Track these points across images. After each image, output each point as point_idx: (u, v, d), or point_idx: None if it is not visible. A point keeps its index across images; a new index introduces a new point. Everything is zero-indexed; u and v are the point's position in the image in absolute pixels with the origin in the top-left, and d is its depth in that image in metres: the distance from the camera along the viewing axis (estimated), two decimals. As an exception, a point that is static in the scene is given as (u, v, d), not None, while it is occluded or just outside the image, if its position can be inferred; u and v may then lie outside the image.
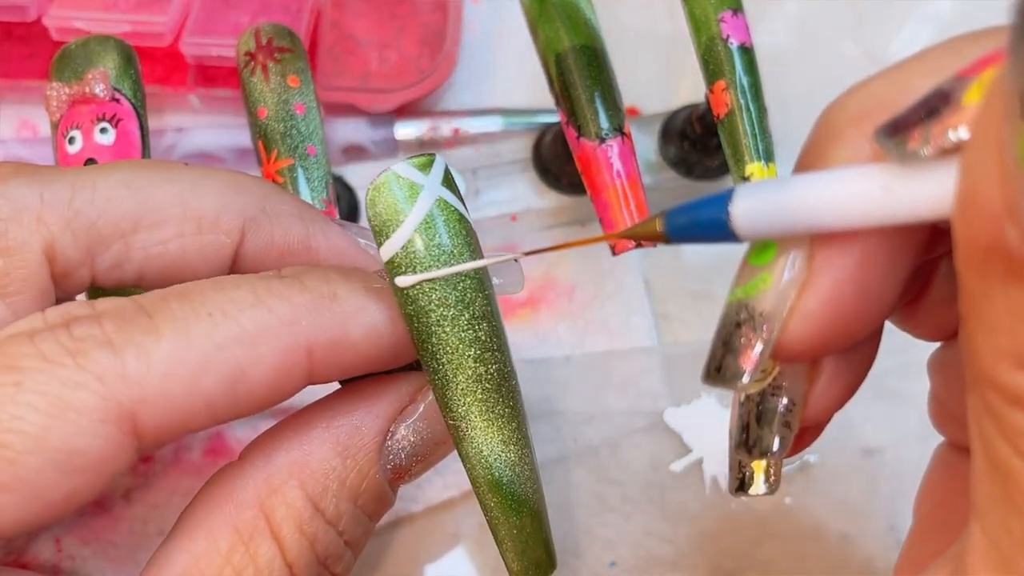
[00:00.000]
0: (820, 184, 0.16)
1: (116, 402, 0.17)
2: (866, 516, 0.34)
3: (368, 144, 0.39)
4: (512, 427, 0.20)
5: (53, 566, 0.34)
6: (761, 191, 0.17)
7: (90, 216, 0.20)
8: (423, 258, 0.19)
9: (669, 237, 0.18)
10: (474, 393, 0.20)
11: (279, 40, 0.27)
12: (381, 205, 0.19)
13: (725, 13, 0.27)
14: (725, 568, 0.34)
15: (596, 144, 0.26)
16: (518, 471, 0.20)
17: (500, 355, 0.20)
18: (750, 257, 0.18)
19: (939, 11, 0.43)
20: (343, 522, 0.20)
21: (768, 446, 0.20)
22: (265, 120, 0.26)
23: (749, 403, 0.20)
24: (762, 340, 0.18)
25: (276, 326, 0.18)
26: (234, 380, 0.18)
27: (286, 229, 0.22)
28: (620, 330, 0.38)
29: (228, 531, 0.19)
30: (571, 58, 0.27)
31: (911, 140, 0.15)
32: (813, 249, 0.17)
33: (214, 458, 0.35)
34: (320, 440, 0.20)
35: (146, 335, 0.17)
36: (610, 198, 0.26)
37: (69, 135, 0.25)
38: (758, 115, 0.26)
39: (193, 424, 0.18)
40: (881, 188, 0.15)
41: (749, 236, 0.17)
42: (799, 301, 0.17)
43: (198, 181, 0.21)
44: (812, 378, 0.20)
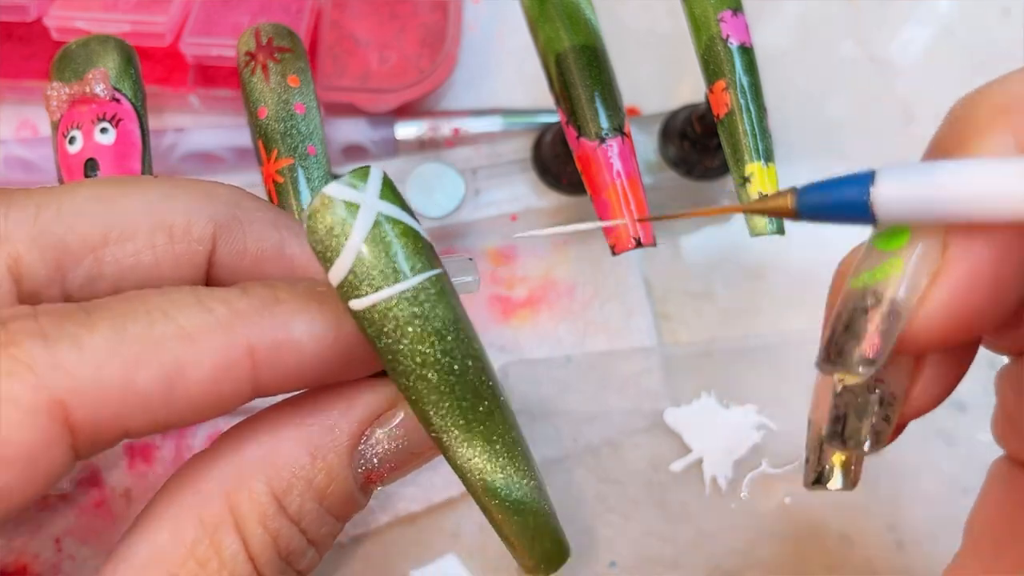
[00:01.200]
0: (968, 173, 0.15)
1: (47, 391, 0.16)
2: (866, 516, 0.34)
3: (368, 144, 0.39)
4: (497, 430, 0.20)
5: (53, 566, 0.34)
6: (907, 175, 0.16)
7: (56, 232, 0.19)
8: (373, 277, 0.18)
9: (800, 213, 0.17)
10: (449, 406, 0.19)
11: (279, 40, 0.27)
12: (320, 231, 0.18)
13: (725, 13, 0.27)
14: (725, 568, 0.34)
15: (596, 144, 0.26)
16: (511, 472, 0.20)
17: (472, 362, 0.19)
18: (878, 242, 0.18)
19: (939, 11, 0.43)
20: (306, 521, 0.20)
21: (864, 439, 0.19)
22: (265, 120, 0.26)
23: (848, 394, 0.20)
24: (888, 328, 0.17)
25: (214, 325, 0.18)
26: (171, 378, 0.17)
27: (259, 236, 0.21)
28: (620, 330, 0.38)
29: (193, 522, 0.19)
30: (571, 58, 0.27)
31: None
32: (948, 238, 0.17)
33: (214, 458, 0.35)
34: (291, 437, 0.20)
35: (80, 327, 0.17)
36: (610, 198, 0.26)
37: (69, 135, 0.25)
38: (758, 115, 0.26)
39: (130, 422, 0.17)
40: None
41: (889, 220, 0.16)
42: (931, 290, 0.17)
43: (167, 191, 0.21)
44: (915, 373, 0.20)
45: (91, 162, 0.25)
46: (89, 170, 0.25)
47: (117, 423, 0.17)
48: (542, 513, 0.21)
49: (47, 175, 0.38)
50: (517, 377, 0.36)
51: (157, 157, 0.38)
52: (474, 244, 0.39)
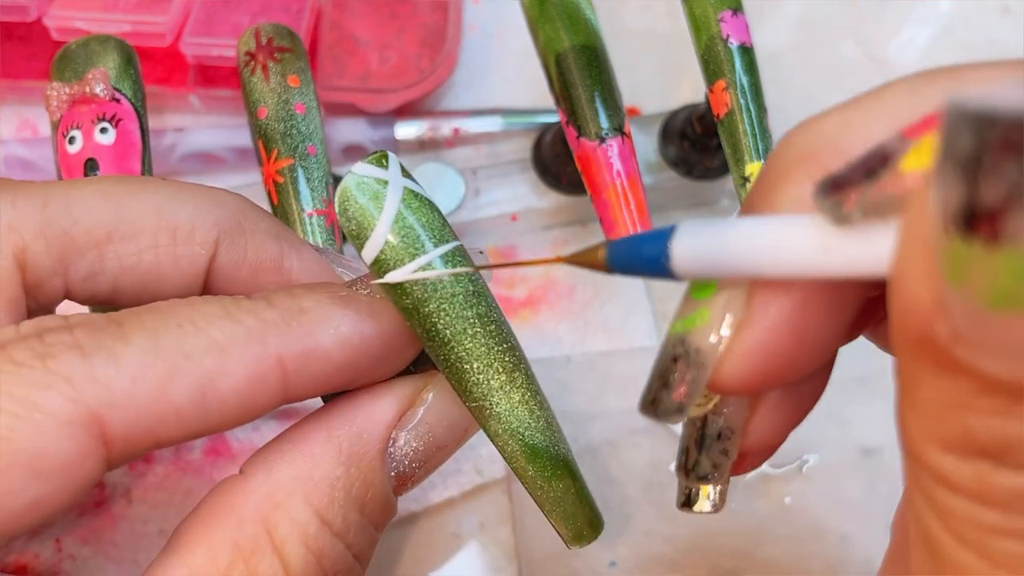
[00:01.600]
0: (759, 232, 0.16)
1: (84, 404, 0.17)
2: (865, 516, 0.34)
3: (368, 144, 0.39)
4: (532, 392, 0.20)
5: (53, 566, 0.34)
6: (702, 232, 0.16)
7: (63, 224, 0.20)
8: (407, 248, 0.19)
9: (611, 268, 0.18)
10: (491, 367, 0.20)
11: (279, 40, 0.27)
12: (352, 209, 0.19)
13: (725, 13, 0.27)
14: (725, 568, 0.34)
15: (596, 144, 0.26)
16: (549, 434, 0.21)
17: (504, 326, 0.20)
18: (692, 291, 0.18)
19: (939, 11, 0.43)
20: (351, 534, 0.20)
21: (704, 471, 0.20)
22: (265, 120, 0.26)
23: (691, 427, 0.21)
24: (695, 377, 0.17)
25: (245, 337, 0.18)
26: (204, 389, 0.18)
27: (260, 246, 0.22)
28: (620, 330, 0.38)
29: (228, 547, 0.19)
30: (571, 58, 0.27)
31: (847, 203, 0.14)
32: (752, 290, 0.17)
33: (215, 458, 0.35)
34: (323, 450, 0.20)
35: (116, 341, 0.17)
36: (610, 198, 0.26)
37: (69, 135, 0.25)
38: (758, 115, 0.26)
39: (163, 433, 0.18)
40: (819, 246, 0.15)
41: (687, 276, 0.17)
42: (734, 341, 0.17)
43: (174, 194, 0.21)
44: (753, 408, 0.20)
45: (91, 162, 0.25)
46: (89, 170, 0.25)
47: (150, 434, 0.17)
48: (578, 478, 0.21)
49: (47, 175, 0.38)
50: (517, 377, 0.36)
51: (157, 157, 0.38)
52: (474, 244, 0.39)
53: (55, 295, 0.20)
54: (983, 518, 0.13)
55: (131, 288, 0.21)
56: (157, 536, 0.34)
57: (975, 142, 0.11)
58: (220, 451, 0.35)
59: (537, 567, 0.34)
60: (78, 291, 0.21)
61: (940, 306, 0.12)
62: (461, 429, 0.22)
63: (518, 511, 0.35)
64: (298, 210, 0.26)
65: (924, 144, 0.14)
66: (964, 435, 0.13)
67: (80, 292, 0.21)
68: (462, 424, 0.22)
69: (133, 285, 0.21)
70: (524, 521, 0.35)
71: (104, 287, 0.21)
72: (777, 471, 0.35)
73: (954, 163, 0.11)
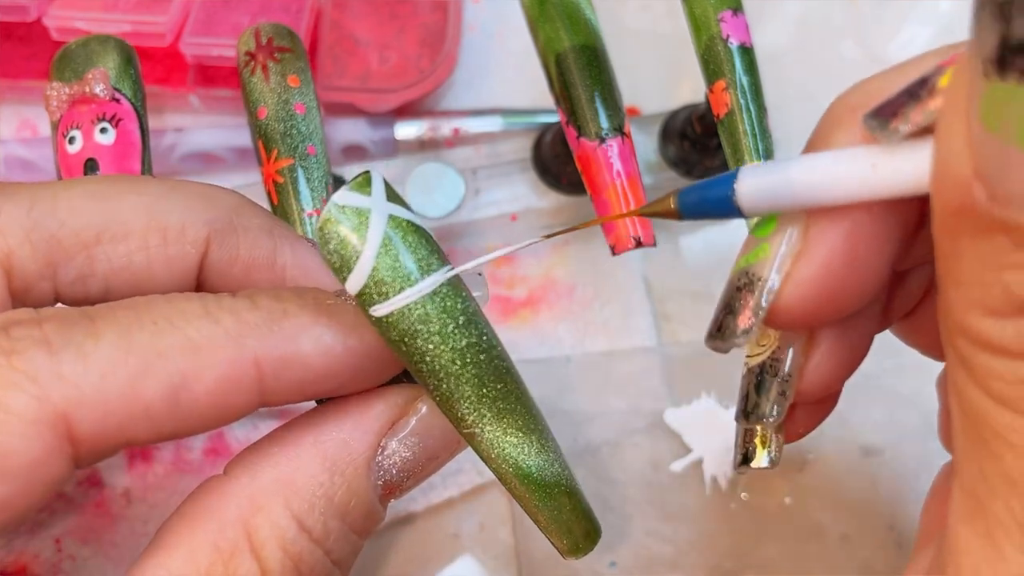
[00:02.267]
0: (814, 164, 0.17)
1: (50, 403, 0.16)
2: (866, 516, 0.34)
3: (368, 144, 0.39)
4: (525, 416, 0.20)
5: (53, 566, 0.34)
6: (763, 171, 0.18)
7: (50, 227, 0.19)
8: (393, 281, 0.18)
9: (682, 213, 0.19)
10: (481, 399, 0.19)
11: (279, 40, 0.27)
12: (334, 241, 0.18)
13: (725, 13, 0.27)
14: (725, 568, 0.34)
15: (596, 144, 0.26)
16: (543, 456, 0.20)
17: (495, 351, 0.19)
18: (754, 230, 0.20)
19: (939, 11, 0.43)
20: (331, 540, 0.20)
21: (764, 412, 0.22)
22: (265, 120, 0.26)
23: (750, 375, 0.22)
24: (758, 302, 0.19)
25: (222, 337, 0.18)
26: (176, 389, 0.17)
27: (253, 243, 0.21)
28: (620, 330, 0.38)
29: (208, 549, 0.18)
30: (571, 58, 0.27)
31: (893, 120, 0.16)
32: (808, 222, 0.18)
33: (214, 458, 0.35)
34: (308, 455, 0.19)
35: (86, 337, 0.17)
36: (610, 198, 0.26)
37: (69, 135, 0.25)
38: (758, 115, 0.26)
39: (133, 433, 0.17)
40: (868, 166, 0.17)
41: (753, 212, 0.19)
42: (793, 269, 0.18)
43: (164, 193, 0.21)
44: (808, 352, 0.21)
45: (91, 162, 0.25)
46: (89, 170, 0.25)
47: (120, 434, 0.17)
48: (574, 493, 0.21)
49: (47, 175, 0.38)
50: (517, 377, 0.36)
51: (157, 157, 0.38)
52: (474, 244, 0.39)
53: (45, 299, 0.20)
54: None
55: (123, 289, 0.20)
56: (157, 536, 0.34)
57: None
58: (220, 451, 0.35)
59: (537, 567, 0.34)
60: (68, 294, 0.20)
61: (978, 170, 0.13)
62: (453, 440, 0.21)
63: (518, 511, 0.35)
64: (298, 210, 0.25)
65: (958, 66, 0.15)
66: (1004, 294, 0.14)
67: (71, 295, 0.20)
68: (454, 436, 0.21)
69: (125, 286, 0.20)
70: (524, 521, 0.35)
71: (95, 289, 0.20)
72: (777, 471, 0.35)
73: (991, 6, 0.12)
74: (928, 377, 0.24)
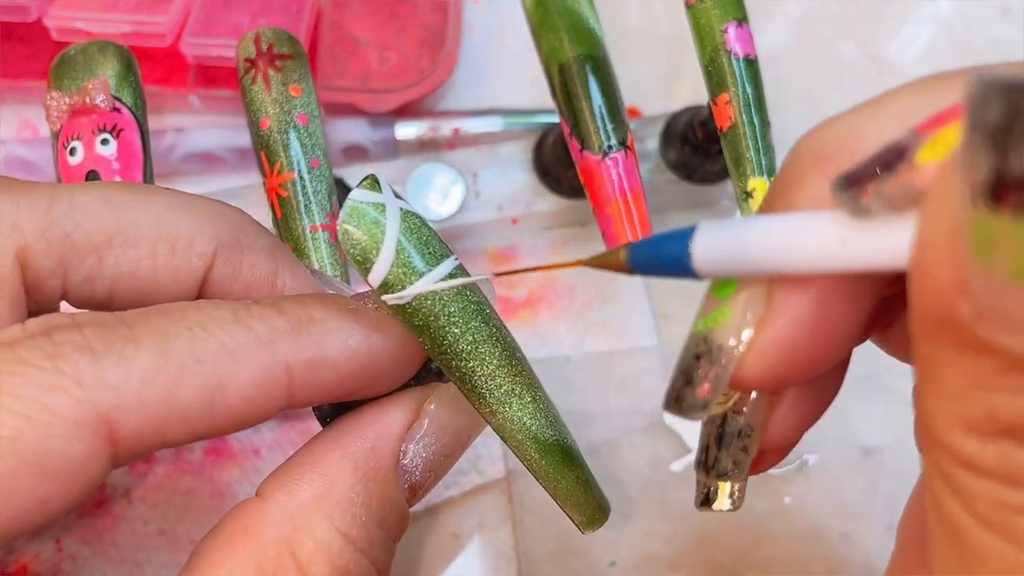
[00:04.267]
0: (778, 229, 0.16)
1: (93, 406, 0.17)
2: (865, 516, 0.34)
3: (368, 144, 0.39)
4: (537, 391, 0.21)
5: (53, 565, 0.34)
6: (722, 231, 0.17)
7: (65, 227, 0.20)
8: (415, 267, 0.19)
9: (633, 269, 0.18)
10: (501, 373, 0.21)
11: (280, 46, 0.27)
12: (355, 236, 0.19)
13: (729, 24, 0.27)
14: (725, 568, 0.34)
15: (599, 158, 0.26)
16: (556, 428, 0.22)
17: (505, 331, 0.21)
18: (713, 290, 0.19)
19: (939, 11, 0.43)
20: (375, 548, 0.20)
21: (724, 468, 0.21)
22: (267, 131, 0.26)
23: (710, 425, 0.21)
24: (717, 373, 0.18)
25: (255, 344, 0.18)
26: (212, 393, 0.18)
27: (255, 262, 0.22)
28: (620, 330, 0.38)
29: (250, 569, 0.19)
30: (574, 69, 0.27)
31: (864, 194, 0.15)
32: (771, 287, 0.17)
33: (215, 458, 0.35)
34: (339, 468, 0.20)
35: (126, 343, 0.17)
36: (613, 212, 0.26)
37: (70, 146, 0.25)
38: (761, 129, 0.26)
39: (170, 435, 0.18)
40: (837, 239, 0.15)
41: (708, 274, 0.17)
42: (755, 337, 0.17)
43: (177, 205, 0.21)
44: (772, 406, 0.20)
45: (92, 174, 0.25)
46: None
47: (156, 436, 0.18)
48: (585, 466, 0.23)
49: (47, 175, 0.38)
50: (517, 377, 0.37)
51: (157, 158, 0.38)
52: (474, 245, 0.39)
53: (53, 296, 0.21)
54: (1009, 498, 0.13)
55: (127, 294, 0.21)
56: (157, 536, 0.34)
57: (1004, 111, 0.11)
58: (220, 451, 0.35)
59: (537, 567, 0.34)
60: (75, 293, 0.21)
61: (963, 284, 0.13)
62: (465, 436, 0.22)
63: (518, 511, 0.35)
64: (302, 225, 0.25)
65: (938, 137, 0.14)
66: (988, 415, 0.13)
67: (77, 295, 0.21)
68: (466, 431, 0.22)
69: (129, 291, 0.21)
70: (524, 521, 0.35)
71: (101, 291, 0.21)
72: (777, 471, 0.35)
73: (982, 133, 0.11)
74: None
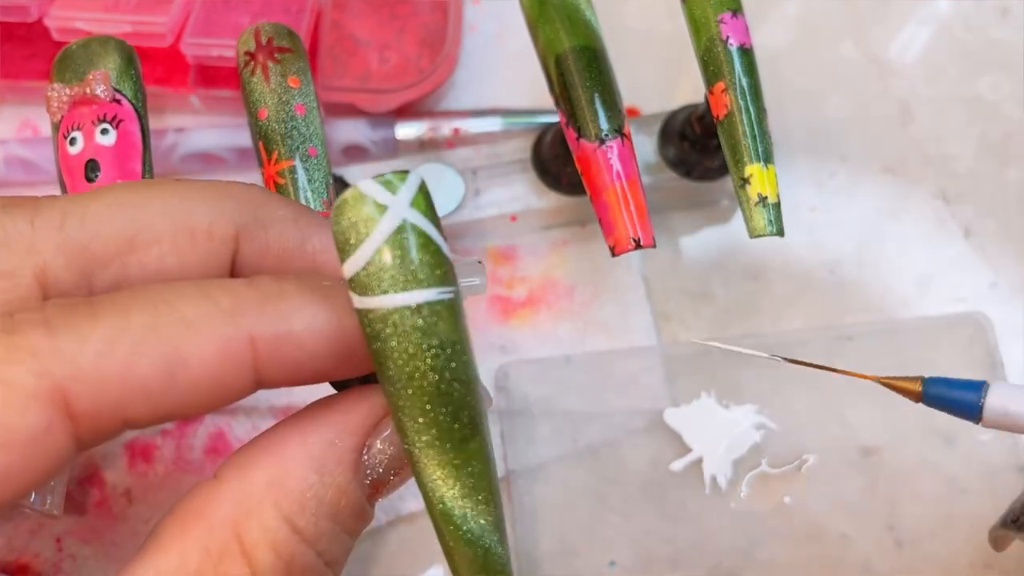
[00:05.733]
0: None
1: (48, 377, 0.17)
2: (865, 516, 0.34)
3: (368, 144, 0.39)
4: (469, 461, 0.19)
5: (54, 565, 0.34)
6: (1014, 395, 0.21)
7: (81, 240, 0.20)
8: (383, 280, 0.18)
9: (927, 400, 0.22)
10: (427, 423, 0.19)
11: (279, 40, 0.27)
12: (344, 222, 0.18)
13: (725, 14, 0.27)
14: (725, 568, 0.34)
15: (596, 145, 0.26)
16: (471, 505, 0.19)
17: (460, 387, 0.19)
18: None
19: (939, 11, 0.43)
20: (323, 541, 0.20)
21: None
22: (265, 121, 0.26)
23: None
24: None
25: (216, 315, 0.18)
26: (171, 366, 0.18)
27: (281, 233, 0.22)
28: (620, 330, 0.38)
29: (198, 551, 0.19)
30: (571, 59, 0.27)
31: None
32: None
33: (215, 457, 0.35)
34: (296, 457, 0.19)
35: (84, 318, 0.17)
36: (609, 199, 0.26)
37: (70, 136, 0.25)
38: (757, 116, 0.26)
39: (132, 411, 0.18)
40: None
41: (991, 425, 0.21)
42: None
43: (188, 194, 0.21)
44: None
45: (92, 163, 0.25)
46: (90, 171, 0.25)
47: (118, 411, 0.18)
48: (493, 550, 0.20)
49: (48, 175, 0.38)
50: (517, 377, 0.36)
51: (158, 157, 0.38)
52: (474, 244, 0.39)
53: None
54: None
55: None
56: (157, 536, 0.34)
57: None
58: (220, 450, 0.35)
59: (537, 567, 0.34)
60: None
61: None
62: None
63: (518, 511, 0.35)
64: None
65: None
66: None
67: None
68: None
69: None
70: (524, 521, 0.35)
71: None
72: (777, 471, 0.35)
73: None
74: (928, 377, 0.24)
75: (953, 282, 0.38)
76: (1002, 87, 0.41)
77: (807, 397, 0.36)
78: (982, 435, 0.35)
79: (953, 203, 0.40)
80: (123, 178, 0.25)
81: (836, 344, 0.37)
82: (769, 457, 0.35)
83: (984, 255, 0.39)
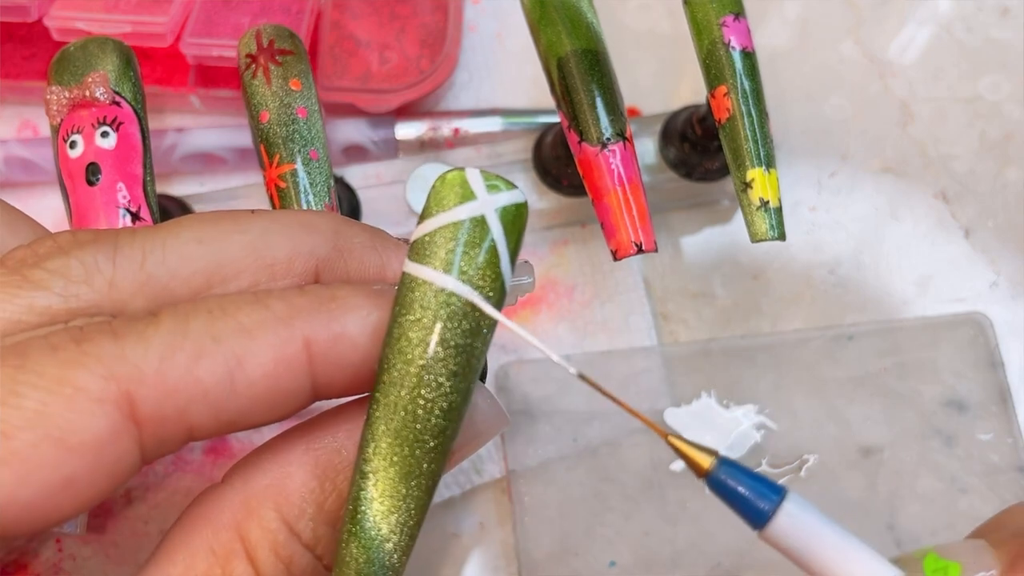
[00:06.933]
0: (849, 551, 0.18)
1: (114, 382, 0.17)
2: (865, 515, 0.34)
3: (368, 144, 0.39)
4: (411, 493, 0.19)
5: (54, 565, 0.34)
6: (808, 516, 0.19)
7: (162, 278, 0.20)
8: (438, 256, 0.18)
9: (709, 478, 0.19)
10: (385, 431, 0.18)
11: (280, 42, 0.27)
12: (439, 189, 0.19)
13: (727, 18, 0.27)
14: (725, 568, 0.34)
15: (598, 149, 0.26)
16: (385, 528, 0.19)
17: (439, 415, 0.18)
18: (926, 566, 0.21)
19: (939, 11, 0.43)
20: (321, 546, 0.20)
21: None
22: (267, 124, 0.26)
23: None
24: None
25: (272, 320, 0.18)
26: (231, 371, 0.18)
27: (359, 262, 0.22)
28: (620, 330, 0.38)
29: (205, 553, 0.19)
30: (573, 62, 0.27)
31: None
32: None
33: (215, 458, 0.35)
34: (298, 462, 0.20)
35: (147, 325, 0.18)
36: (611, 203, 0.26)
37: (70, 139, 0.25)
38: (759, 120, 0.26)
39: (195, 417, 0.18)
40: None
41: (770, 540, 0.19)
42: None
43: (267, 227, 0.21)
44: None
45: (93, 166, 0.25)
46: (91, 175, 0.25)
47: (182, 418, 0.18)
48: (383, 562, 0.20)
49: (48, 176, 0.38)
50: (517, 377, 0.37)
51: (158, 158, 0.38)
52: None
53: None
54: None
55: None
56: (157, 536, 0.34)
57: None
58: (220, 451, 0.35)
59: (537, 567, 0.34)
60: None
61: None
62: None
63: (518, 511, 0.35)
64: None
65: None
66: None
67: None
68: None
69: None
70: (524, 521, 0.35)
71: None
72: (777, 471, 0.35)
73: None
74: (928, 377, 0.24)
75: (953, 282, 0.38)
76: (1002, 87, 0.41)
77: (807, 397, 0.36)
78: (982, 435, 0.35)
79: (953, 203, 0.40)
80: (124, 181, 0.25)
81: (836, 344, 0.37)
82: (769, 457, 0.35)
83: (984, 255, 0.39)
